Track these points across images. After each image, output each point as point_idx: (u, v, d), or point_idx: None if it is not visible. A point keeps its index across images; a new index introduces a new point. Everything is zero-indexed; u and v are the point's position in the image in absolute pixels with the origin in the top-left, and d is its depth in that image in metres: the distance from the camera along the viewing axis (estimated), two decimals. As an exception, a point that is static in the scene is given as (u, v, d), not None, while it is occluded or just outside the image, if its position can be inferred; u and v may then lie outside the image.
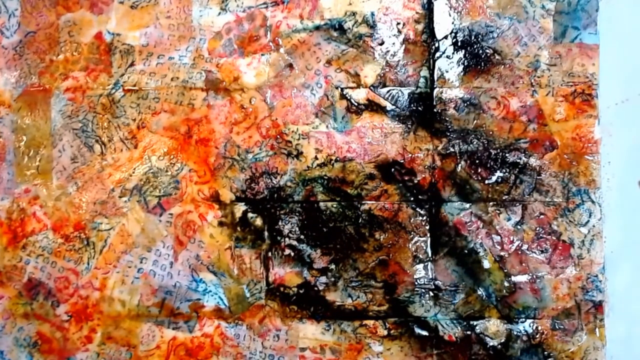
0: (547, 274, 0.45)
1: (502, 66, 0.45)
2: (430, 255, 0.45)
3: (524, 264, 0.45)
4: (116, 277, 0.46)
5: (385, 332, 0.45)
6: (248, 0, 0.46)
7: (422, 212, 0.45)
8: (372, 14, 0.46)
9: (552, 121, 0.45)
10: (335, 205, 0.46)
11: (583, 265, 0.45)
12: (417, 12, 0.46)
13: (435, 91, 0.45)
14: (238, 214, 0.46)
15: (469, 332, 0.45)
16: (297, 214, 0.46)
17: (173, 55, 0.46)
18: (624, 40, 0.45)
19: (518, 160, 0.45)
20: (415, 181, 0.45)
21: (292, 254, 0.46)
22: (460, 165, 0.45)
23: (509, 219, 0.45)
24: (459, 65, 0.45)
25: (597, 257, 0.45)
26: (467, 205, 0.45)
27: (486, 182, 0.45)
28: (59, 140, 0.47)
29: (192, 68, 0.46)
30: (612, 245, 0.45)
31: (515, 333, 0.45)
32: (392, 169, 0.46)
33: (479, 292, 0.45)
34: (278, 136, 0.46)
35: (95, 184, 0.47)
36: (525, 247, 0.45)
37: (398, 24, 0.46)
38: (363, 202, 0.46)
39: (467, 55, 0.45)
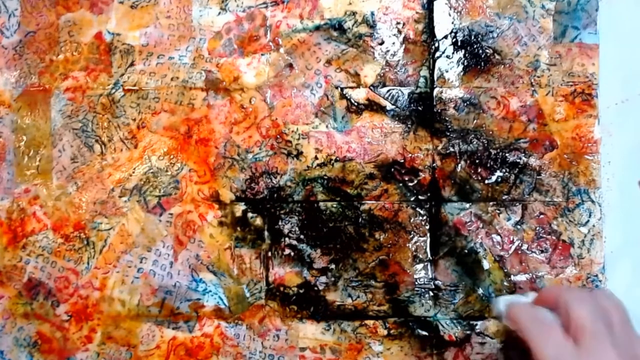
0: (547, 273, 0.45)
1: (502, 66, 0.45)
2: (430, 255, 0.45)
3: (524, 264, 0.45)
4: (116, 277, 0.46)
5: (385, 332, 0.45)
6: (248, 0, 0.46)
7: (422, 212, 0.45)
8: (372, 14, 0.46)
9: (552, 121, 0.45)
10: (335, 205, 0.46)
11: (583, 265, 0.45)
12: (417, 12, 0.46)
13: (435, 91, 0.45)
14: (238, 214, 0.46)
15: (469, 332, 0.45)
16: (297, 214, 0.46)
17: (173, 55, 0.46)
18: (624, 40, 0.45)
19: (518, 160, 0.45)
20: (415, 181, 0.45)
21: (292, 253, 0.46)
22: (460, 165, 0.45)
23: (509, 219, 0.45)
24: (459, 65, 0.45)
25: (597, 257, 0.45)
26: (467, 205, 0.45)
27: (486, 182, 0.45)
28: (59, 140, 0.47)
29: (192, 68, 0.46)
30: (612, 245, 0.45)
31: (515, 333, 0.45)
32: (392, 169, 0.46)
33: (479, 292, 0.45)
34: (278, 136, 0.46)
35: (95, 184, 0.47)
36: (525, 247, 0.45)
37: (398, 23, 0.46)
38: (363, 202, 0.46)
39: (467, 55, 0.45)
